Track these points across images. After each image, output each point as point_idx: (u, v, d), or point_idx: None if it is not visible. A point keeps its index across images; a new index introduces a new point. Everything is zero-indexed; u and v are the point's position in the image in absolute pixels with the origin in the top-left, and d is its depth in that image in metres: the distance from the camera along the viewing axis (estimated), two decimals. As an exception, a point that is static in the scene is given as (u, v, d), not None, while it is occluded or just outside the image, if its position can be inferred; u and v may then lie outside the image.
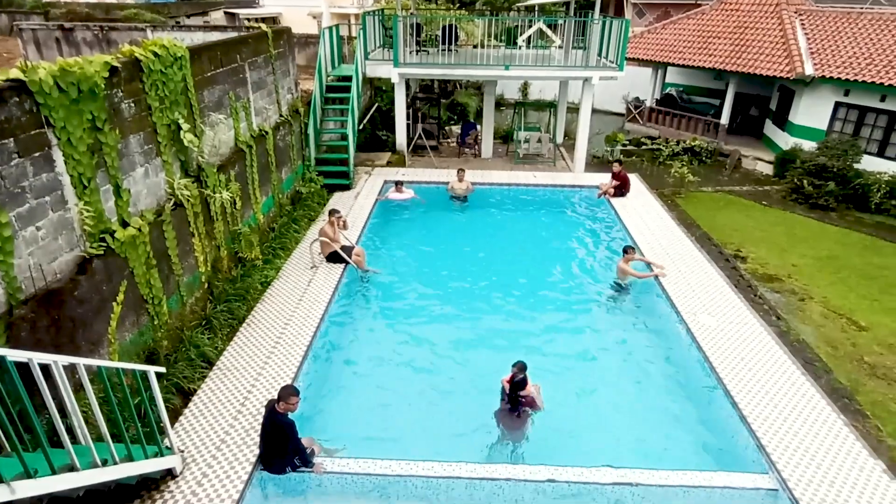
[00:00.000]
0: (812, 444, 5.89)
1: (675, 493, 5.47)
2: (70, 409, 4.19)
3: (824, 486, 5.37)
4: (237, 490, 5.21)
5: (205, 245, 7.77)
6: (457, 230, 12.05)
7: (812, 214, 13.84)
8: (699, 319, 8.12)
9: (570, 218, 12.82)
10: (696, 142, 17.92)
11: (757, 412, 6.30)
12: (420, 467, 5.57)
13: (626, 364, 7.81)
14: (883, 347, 8.49)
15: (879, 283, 10.43)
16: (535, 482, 5.48)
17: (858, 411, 7.14)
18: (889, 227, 13.28)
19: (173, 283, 7.03)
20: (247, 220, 9.24)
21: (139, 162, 6.37)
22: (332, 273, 9.24)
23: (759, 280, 10.41)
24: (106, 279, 5.72)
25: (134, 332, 6.25)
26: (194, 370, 6.68)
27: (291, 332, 7.59)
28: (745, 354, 7.34)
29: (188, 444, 5.74)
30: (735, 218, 13.48)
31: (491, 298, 9.32)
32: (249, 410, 6.18)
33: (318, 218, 11.34)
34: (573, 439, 6.43)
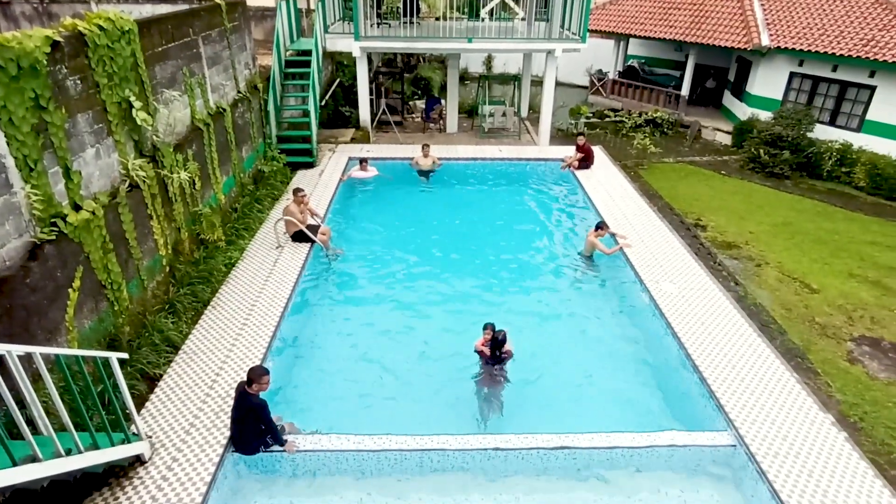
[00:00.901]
0: (767, 401, 6.18)
1: (640, 454, 5.69)
2: (28, 399, 4.07)
3: (778, 440, 5.67)
4: (209, 472, 5.17)
5: (164, 227, 7.54)
6: (423, 206, 12.00)
7: (768, 183, 14.28)
8: (661, 287, 8.36)
9: (536, 191, 12.91)
10: (657, 113, 18.17)
11: (716, 374, 6.56)
12: (393, 441, 5.63)
13: (591, 332, 8.02)
14: (833, 308, 8.91)
15: (830, 248, 10.89)
16: (505, 450, 5.61)
17: (810, 369, 7.51)
18: (839, 193, 13.83)
19: (133, 267, 6.83)
20: (207, 200, 9.00)
21: (89, 142, 6.10)
22: (298, 253, 9.11)
23: (718, 247, 10.74)
24: (60, 265, 5.51)
25: (93, 318, 6.06)
26: (159, 355, 6.55)
27: (259, 313, 7.49)
28: (705, 319, 7.60)
29: (156, 429, 5.66)
30: (695, 188, 13.80)
31: (458, 271, 9.39)
32: (218, 393, 6.11)
33: (281, 197, 11.13)
34: (540, 407, 6.60)
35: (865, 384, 7.27)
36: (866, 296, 9.24)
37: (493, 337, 6.61)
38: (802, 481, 5.22)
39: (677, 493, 5.55)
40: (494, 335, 6.60)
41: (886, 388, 7.22)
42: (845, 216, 12.49)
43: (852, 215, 12.54)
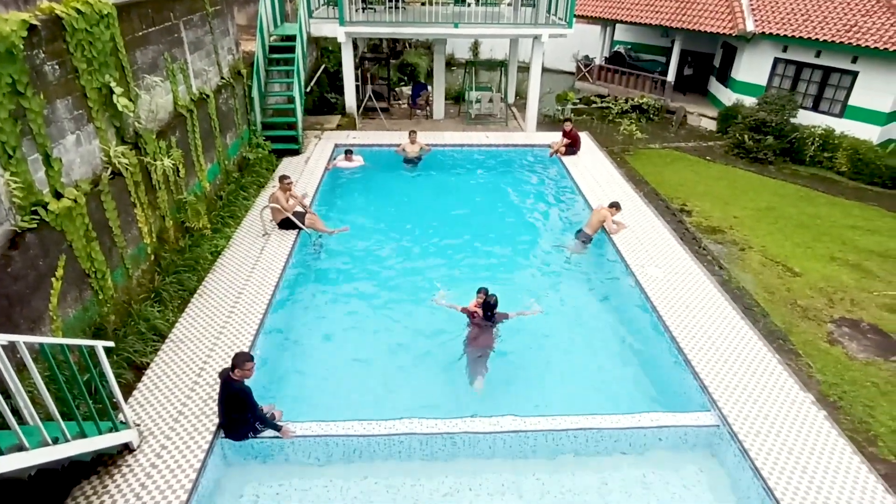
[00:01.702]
0: (749, 382, 6.31)
1: (626, 435, 5.79)
2: (13, 389, 4.03)
3: (760, 419, 5.79)
4: (198, 459, 5.18)
5: (148, 215, 7.46)
6: (410, 193, 11.97)
7: (752, 168, 14.42)
8: (647, 271, 8.45)
9: (523, 177, 12.93)
10: (643, 99, 18.22)
11: (700, 356, 6.67)
12: (382, 426, 5.67)
13: (578, 315, 8.12)
14: (814, 291, 9.07)
15: (812, 232, 11.06)
16: (492, 433, 5.68)
17: (792, 351, 7.66)
18: (822, 178, 14.01)
19: (117, 255, 6.75)
20: (192, 188, 8.90)
21: (69, 129, 5.99)
22: (284, 240, 9.06)
23: (703, 232, 10.86)
24: (42, 254, 5.43)
25: (77, 307, 6.00)
26: (146, 344, 6.51)
27: (245, 301, 7.46)
28: (690, 302, 7.71)
29: (144, 417, 5.64)
30: (681, 173, 13.90)
31: (445, 257, 9.43)
32: (206, 381, 6.09)
33: (267, 184, 11.03)
34: (525, 389, 6.69)
35: (845, 364, 7.43)
36: (847, 279, 9.41)
37: (485, 300, 6.90)
38: (783, 458, 5.35)
39: (661, 473, 5.67)
40: (487, 299, 6.90)
41: (865, 368, 7.38)
42: (827, 201, 12.67)
43: (834, 200, 12.73)
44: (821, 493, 5.03)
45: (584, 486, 5.52)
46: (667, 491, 5.50)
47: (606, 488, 5.51)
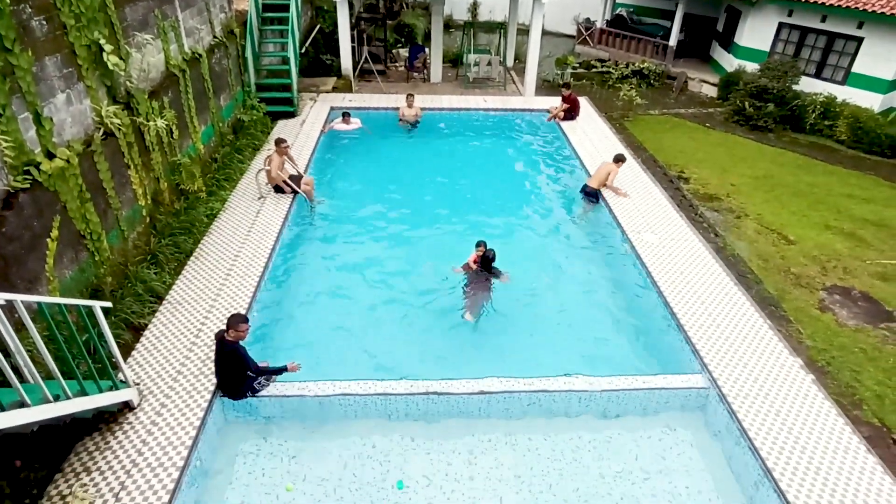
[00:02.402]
0: (740, 347, 6.41)
1: (619, 397, 5.92)
2: (13, 347, 4.07)
3: (749, 381, 5.92)
4: (198, 417, 5.28)
5: (142, 177, 7.39)
6: (407, 157, 11.88)
7: (751, 136, 14.31)
8: (643, 237, 8.48)
9: (521, 142, 12.82)
10: (644, 64, 17.92)
11: (693, 321, 6.76)
12: (378, 386, 5.77)
13: (574, 279, 8.19)
14: (808, 259, 9.13)
15: (808, 200, 11.07)
16: (488, 394, 5.79)
17: (783, 317, 7.76)
18: (821, 146, 13.94)
19: (112, 217, 6.72)
20: (186, 150, 8.79)
21: (59, 87, 5.87)
22: (280, 203, 9.02)
23: (700, 200, 10.85)
24: (36, 214, 5.40)
25: (74, 269, 6.00)
26: (143, 305, 6.54)
27: (242, 264, 7.48)
28: (684, 269, 7.76)
29: (143, 377, 5.72)
30: (680, 140, 13.80)
31: (442, 220, 9.44)
32: (204, 342, 6.15)
33: (262, 147, 10.91)
34: (521, 350, 6.80)
35: (834, 331, 7.55)
36: (840, 247, 9.47)
37: (484, 255, 7.14)
38: (770, 420, 5.48)
39: (652, 433, 5.82)
40: (486, 253, 7.11)
41: (854, 334, 7.50)
42: (825, 169, 12.63)
43: (832, 168, 12.69)
44: (805, 453, 5.18)
45: (575, 445, 5.66)
46: (657, 450, 5.66)
47: (597, 447, 5.66)
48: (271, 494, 5.10)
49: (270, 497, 5.08)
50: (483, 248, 7.29)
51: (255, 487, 5.17)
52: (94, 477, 4.74)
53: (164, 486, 4.68)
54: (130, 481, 4.71)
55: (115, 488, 4.66)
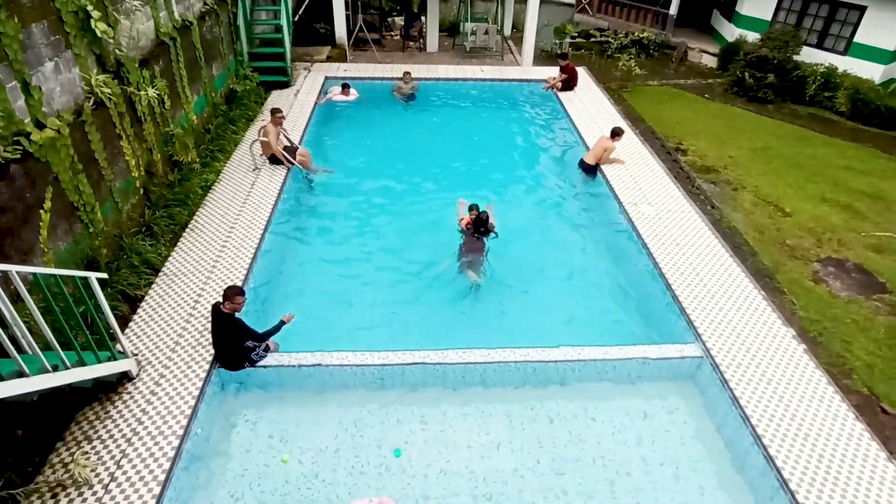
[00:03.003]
0: (734, 317, 6.48)
1: (613, 366, 6.00)
2: (9, 318, 4.08)
3: (742, 351, 5.99)
4: (196, 387, 5.33)
5: (135, 148, 7.30)
6: (403, 128, 11.77)
7: (751, 107, 14.19)
8: (639, 209, 8.47)
9: (517, 113, 12.69)
10: (644, 34, 17.63)
11: (687, 292, 6.81)
12: (376, 357, 5.82)
13: (569, 250, 8.23)
14: (803, 231, 9.15)
15: (806, 172, 11.03)
16: (483, 364, 5.85)
17: (777, 288, 7.81)
18: (820, 118, 13.84)
19: (105, 188, 6.66)
20: (179, 120, 8.67)
21: (47, 55, 5.74)
22: (275, 175, 8.95)
23: (697, 171, 10.81)
24: (28, 185, 5.34)
25: (68, 240, 5.97)
26: (139, 277, 6.54)
27: (238, 236, 7.45)
28: (680, 240, 7.78)
29: (141, 348, 5.75)
30: (679, 112, 13.67)
31: (438, 191, 9.40)
32: (201, 313, 6.17)
33: (256, 118, 10.77)
34: (517, 319, 6.86)
35: (827, 302, 7.62)
36: (836, 219, 9.49)
37: (477, 217, 7.28)
38: (761, 388, 5.58)
39: (645, 401, 5.91)
40: (479, 215, 7.30)
41: (846, 305, 7.57)
42: (824, 141, 12.56)
43: (831, 140, 12.62)
44: (794, 420, 5.28)
45: (570, 413, 5.75)
46: (649, 417, 5.76)
47: (592, 416, 5.75)
48: (270, 465, 5.19)
49: (269, 466, 5.17)
50: (475, 211, 7.45)
51: (254, 456, 5.25)
52: (96, 445, 4.81)
53: (164, 454, 4.75)
54: (131, 449, 4.78)
55: (117, 456, 4.73)
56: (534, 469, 5.24)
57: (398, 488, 5.03)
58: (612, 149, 9.62)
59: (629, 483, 5.16)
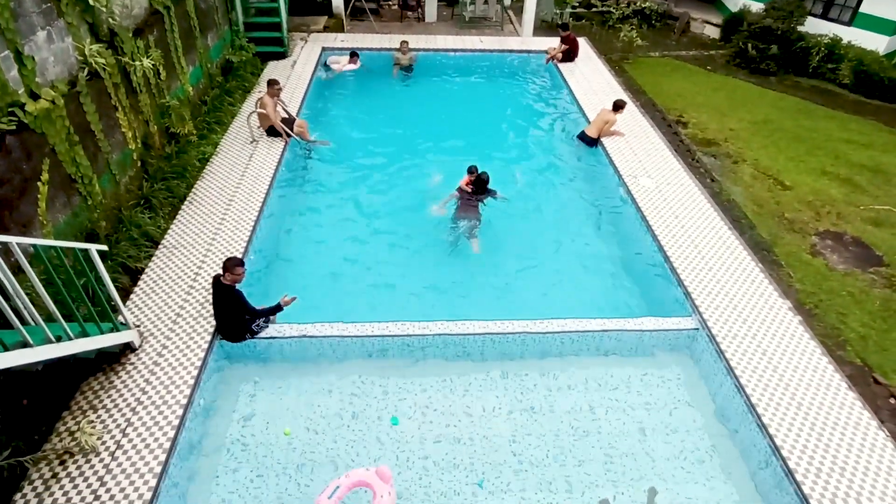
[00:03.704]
0: (731, 290, 6.53)
1: (610, 338, 6.06)
2: (10, 289, 4.09)
3: (738, 323, 6.06)
4: (199, 358, 5.39)
5: (131, 120, 7.23)
6: (401, 99, 11.65)
7: (753, 79, 14.03)
8: (639, 181, 8.45)
9: (518, 84, 12.55)
10: (646, 3, 17.30)
11: (685, 264, 6.85)
12: (375, 328, 5.88)
13: (567, 222, 8.25)
14: (802, 204, 9.15)
15: (807, 145, 10.97)
16: (482, 335, 5.92)
17: (775, 261, 7.85)
18: (822, 90, 13.70)
19: (102, 161, 6.62)
20: (174, 92, 8.56)
21: (39, 24, 5.65)
22: (273, 147, 8.89)
23: (697, 144, 10.75)
24: (25, 157, 5.31)
25: (67, 213, 5.97)
26: (139, 249, 6.54)
27: (237, 208, 7.44)
28: (680, 213, 7.79)
29: (143, 319, 5.79)
30: (680, 84, 13.51)
31: (437, 163, 9.35)
32: (202, 285, 6.20)
33: (253, 89, 10.64)
34: (516, 292, 6.91)
35: (824, 275, 7.66)
36: (835, 193, 9.48)
37: (478, 177, 7.34)
38: (756, 359, 5.66)
39: (641, 372, 6.00)
40: (479, 176, 7.30)
41: (843, 278, 7.62)
42: (826, 114, 12.46)
43: (833, 113, 12.52)
44: (788, 389, 5.37)
45: (568, 384, 5.84)
46: (645, 387, 5.85)
47: (589, 386, 5.84)
48: (270, 434, 5.27)
49: (270, 435, 5.26)
50: (475, 171, 7.50)
51: (255, 425, 5.34)
52: (101, 414, 4.89)
53: (169, 423, 4.83)
54: (136, 418, 4.86)
55: (122, 424, 4.81)
56: (531, 438, 5.34)
57: (397, 456, 5.14)
58: (614, 121, 9.55)
59: (624, 450, 5.28)
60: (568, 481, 5.01)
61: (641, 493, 4.95)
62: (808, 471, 4.70)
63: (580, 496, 4.91)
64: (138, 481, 4.42)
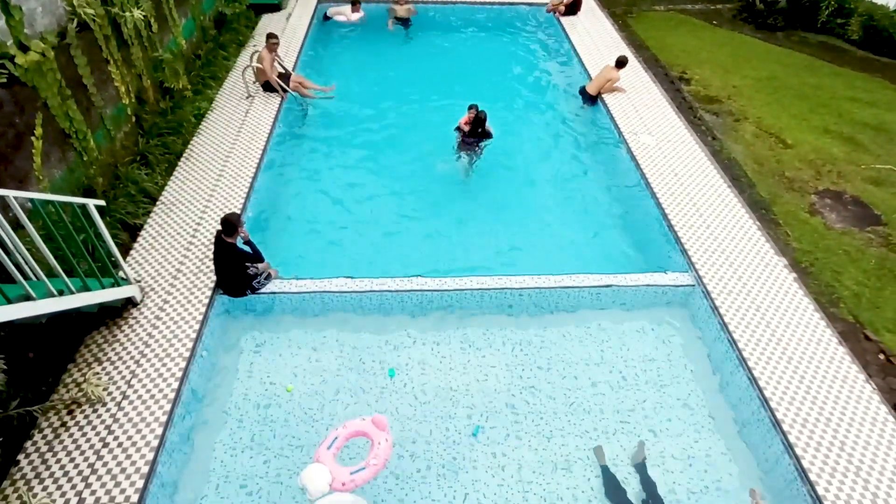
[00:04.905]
0: (728, 247, 6.57)
1: (607, 293, 6.14)
2: (10, 243, 4.11)
3: (733, 280, 6.12)
4: (200, 312, 5.46)
5: (124, 73, 7.09)
6: (399, 53, 11.41)
7: (758, 35, 13.70)
8: (639, 138, 8.38)
9: (518, 37, 12.26)
10: (653, -46, 16.71)
11: (683, 221, 6.86)
12: (374, 284, 5.93)
13: (567, 177, 8.24)
14: (803, 163, 9.09)
15: (811, 103, 10.81)
16: (480, 290, 5.99)
17: (773, 220, 7.85)
18: (830, 46, 13.39)
19: (96, 115, 6.53)
20: (167, 45, 8.36)
21: (24, -29, 5.47)
22: (270, 102, 8.76)
23: (700, 101, 10.58)
24: (16, 111, 5.24)
25: (63, 168, 5.93)
26: (137, 206, 6.53)
27: (234, 165, 7.39)
28: (679, 171, 7.75)
29: (143, 275, 5.84)
30: (684, 39, 13.20)
31: (436, 119, 9.23)
32: (201, 241, 6.22)
33: (247, 43, 10.40)
34: (513, 248, 6.97)
35: (821, 234, 7.68)
36: (837, 151, 9.40)
37: (476, 116, 7.47)
38: (750, 314, 5.74)
39: (636, 327, 6.10)
40: (478, 114, 7.43)
41: (840, 237, 7.65)
42: (831, 71, 12.22)
43: (839, 70, 12.28)
44: (780, 344, 5.48)
45: (564, 338, 5.95)
46: (640, 341, 5.96)
47: (584, 339, 5.95)
48: (269, 389, 5.39)
49: (272, 387, 5.38)
50: (475, 110, 7.66)
51: (256, 378, 5.45)
52: (106, 366, 4.99)
53: (172, 374, 4.94)
54: (140, 370, 4.97)
55: (127, 376, 4.92)
56: (526, 390, 5.47)
57: (396, 407, 5.27)
58: (616, 79, 9.38)
59: (617, 402, 5.42)
60: (562, 432, 5.16)
61: (633, 445, 5.11)
62: (795, 421, 4.84)
63: (573, 447, 5.07)
64: (145, 430, 4.55)
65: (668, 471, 4.93)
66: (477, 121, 7.65)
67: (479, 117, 7.63)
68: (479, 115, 7.64)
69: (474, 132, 7.78)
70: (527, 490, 4.75)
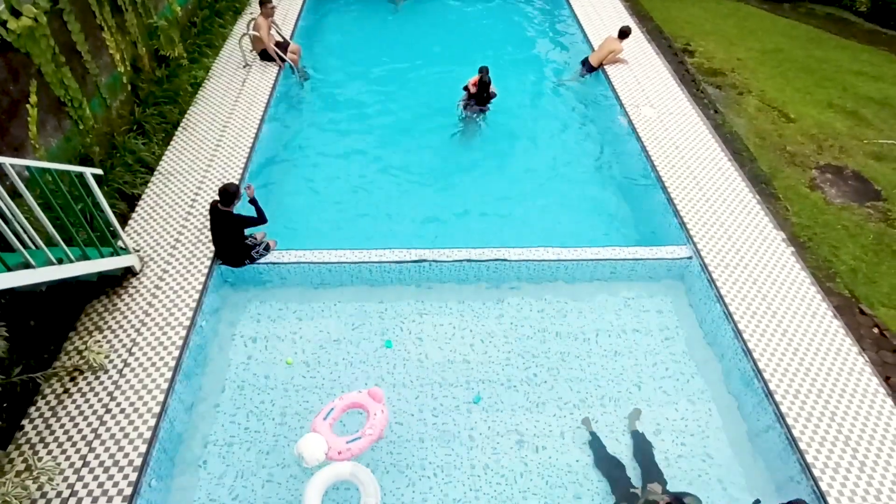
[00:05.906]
0: (726, 221, 6.56)
1: (605, 266, 6.16)
2: (8, 212, 4.11)
3: (731, 253, 6.14)
4: (199, 282, 5.48)
5: (118, 40, 6.97)
6: (397, 22, 11.21)
7: (765, 6, 13.45)
8: (641, 111, 8.30)
9: (518, 6, 12.02)
10: (659, -79, 16.28)
11: (683, 195, 6.85)
12: (373, 255, 5.95)
13: (567, 149, 8.20)
14: (805, 137, 9.02)
15: (816, 77, 10.68)
16: (478, 262, 6.01)
17: (773, 195, 7.84)
18: (837, 18, 13.17)
19: (91, 83, 6.45)
20: (162, 11, 8.20)
21: (13, -68, 5.33)
22: (267, 71, 8.63)
23: (703, 74, 10.45)
24: (11, 78, 5.18)
25: (59, 137, 5.88)
26: (134, 176, 6.50)
27: (232, 134, 7.33)
28: (680, 144, 7.70)
29: (143, 244, 5.84)
30: (689, 10, 12.97)
31: (434, 90, 9.13)
32: (199, 211, 6.22)
33: (244, 10, 10.20)
34: (512, 219, 6.98)
35: (821, 208, 7.68)
36: (840, 126, 9.32)
37: (480, 79, 7.66)
38: (746, 287, 5.78)
39: (633, 298, 6.14)
40: (482, 77, 7.67)
41: (839, 212, 7.65)
42: (837, 44, 12.04)
43: (845, 43, 12.09)
44: (775, 317, 5.52)
45: (562, 310, 5.99)
46: (636, 313, 6.01)
47: (581, 311, 6.00)
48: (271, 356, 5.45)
49: (270, 356, 5.44)
50: (485, 73, 7.74)
51: (256, 347, 5.51)
52: (107, 334, 5.03)
53: (173, 343, 4.99)
54: (141, 338, 5.01)
55: (128, 344, 4.97)
56: (524, 360, 5.54)
57: (394, 377, 5.34)
58: (620, 50, 9.23)
59: (612, 373, 5.49)
60: (557, 403, 5.24)
61: (627, 414, 5.20)
62: (787, 391, 4.92)
63: (569, 414, 5.15)
64: (146, 396, 4.62)
65: (661, 439, 5.02)
66: (482, 84, 7.70)
67: (484, 80, 7.68)
68: (482, 79, 7.69)
69: (480, 95, 7.83)
70: (524, 456, 4.85)
